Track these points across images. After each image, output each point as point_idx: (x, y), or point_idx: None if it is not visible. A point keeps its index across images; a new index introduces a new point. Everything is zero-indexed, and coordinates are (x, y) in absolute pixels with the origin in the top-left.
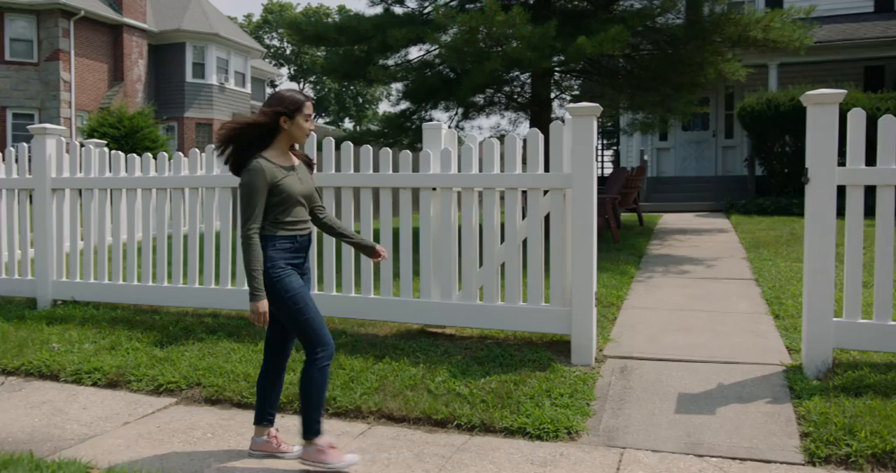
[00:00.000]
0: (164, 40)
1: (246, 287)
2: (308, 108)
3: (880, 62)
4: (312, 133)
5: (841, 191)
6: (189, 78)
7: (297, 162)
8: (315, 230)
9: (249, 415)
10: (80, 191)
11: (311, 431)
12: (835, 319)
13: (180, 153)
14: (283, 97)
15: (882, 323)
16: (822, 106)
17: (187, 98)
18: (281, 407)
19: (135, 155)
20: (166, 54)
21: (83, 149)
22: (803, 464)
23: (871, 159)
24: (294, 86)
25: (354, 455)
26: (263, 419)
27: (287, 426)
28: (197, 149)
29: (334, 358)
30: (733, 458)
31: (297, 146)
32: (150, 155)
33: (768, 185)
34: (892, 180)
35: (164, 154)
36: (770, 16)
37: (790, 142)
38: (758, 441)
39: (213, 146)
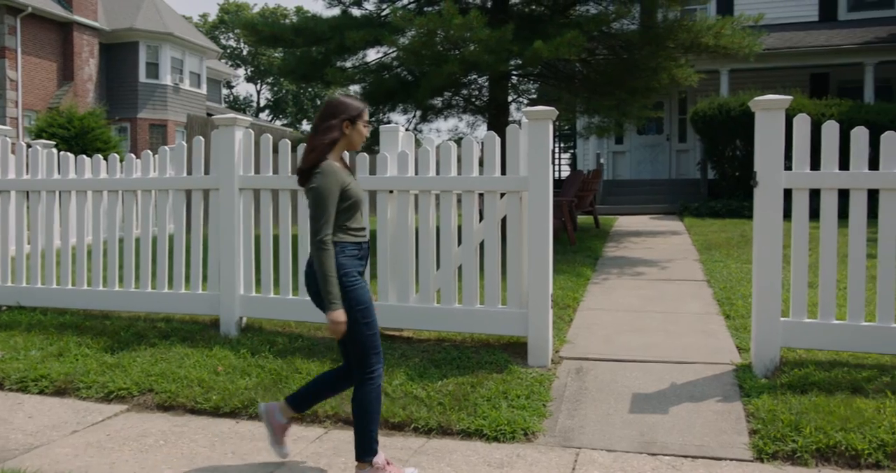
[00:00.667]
0: (117, 39)
1: (201, 291)
2: (366, 114)
3: (825, 69)
4: (268, 135)
5: (789, 194)
6: (142, 78)
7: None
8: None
9: (203, 421)
10: (27, 193)
11: (369, 451)
12: (782, 319)
13: (132, 155)
14: (346, 104)
15: (826, 322)
16: (769, 111)
17: (140, 98)
18: (235, 413)
19: (84, 156)
20: (119, 53)
21: (30, 149)
22: (752, 461)
23: (817, 163)
24: (251, 87)
25: (412, 469)
26: (298, 406)
27: (241, 432)
28: (150, 151)
29: (290, 362)
30: (685, 456)
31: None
32: (100, 156)
33: (720, 188)
34: (835, 184)
35: (115, 155)
36: (721, 23)
37: (741, 146)
38: (709, 439)
39: (168, 148)
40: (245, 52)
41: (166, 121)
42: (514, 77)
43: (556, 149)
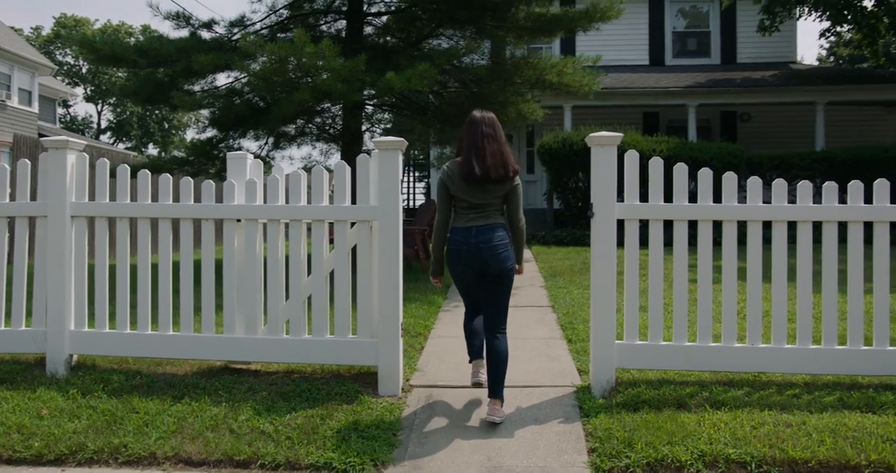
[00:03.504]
0: None
1: (24, 327)
2: None
3: (655, 109)
4: (105, 159)
5: (623, 223)
6: None
7: None
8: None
9: (22, 472)
10: None
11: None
12: (617, 342)
13: None
14: None
15: (655, 343)
16: (603, 147)
17: None
18: (61, 460)
19: None
20: None
21: None
22: None
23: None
24: (92, 107)
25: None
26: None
27: None
28: None
29: (127, 402)
30: None
31: None
32: None
33: (565, 218)
34: (661, 215)
35: None
36: (563, 62)
37: (583, 178)
38: (551, 460)
39: None
40: (85, 70)
41: None
42: (368, 107)
43: (412, 178)
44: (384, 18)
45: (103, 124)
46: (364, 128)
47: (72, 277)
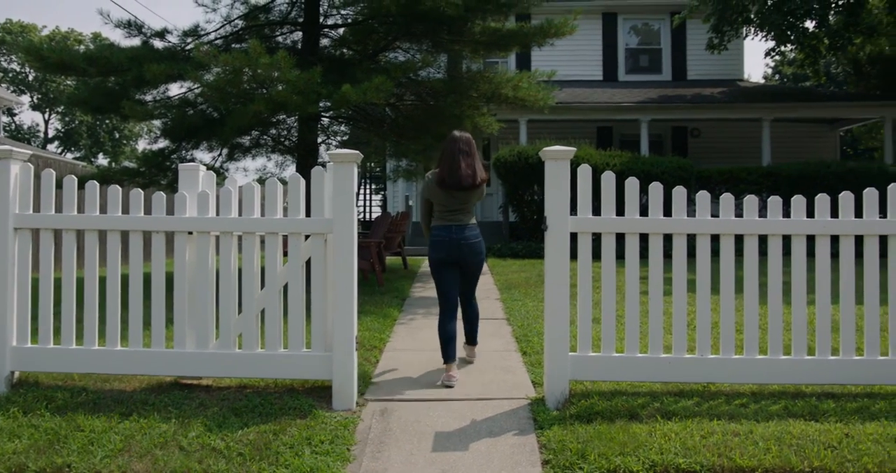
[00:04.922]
0: None
1: None
2: None
3: (609, 123)
4: (51, 170)
5: (576, 237)
6: None
7: None
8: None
9: None
10: None
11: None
12: (570, 354)
13: None
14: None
15: (608, 355)
16: (557, 161)
17: None
18: None
19: None
20: None
21: None
22: None
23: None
24: (39, 115)
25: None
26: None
27: None
28: None
29: (71, 419)
30: None
31: None
32: None
33: (521, 230)
34: (613, 228)
35: None
36: (519, 77)
37: (538, 191)
38: (505, 472)
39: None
40: (31, 78)
41: None
42: (324, 119)
43: (369, 191)
44: (341, 31)
45: (51, 133)
46: (320, 140)
47: (14, 291)
